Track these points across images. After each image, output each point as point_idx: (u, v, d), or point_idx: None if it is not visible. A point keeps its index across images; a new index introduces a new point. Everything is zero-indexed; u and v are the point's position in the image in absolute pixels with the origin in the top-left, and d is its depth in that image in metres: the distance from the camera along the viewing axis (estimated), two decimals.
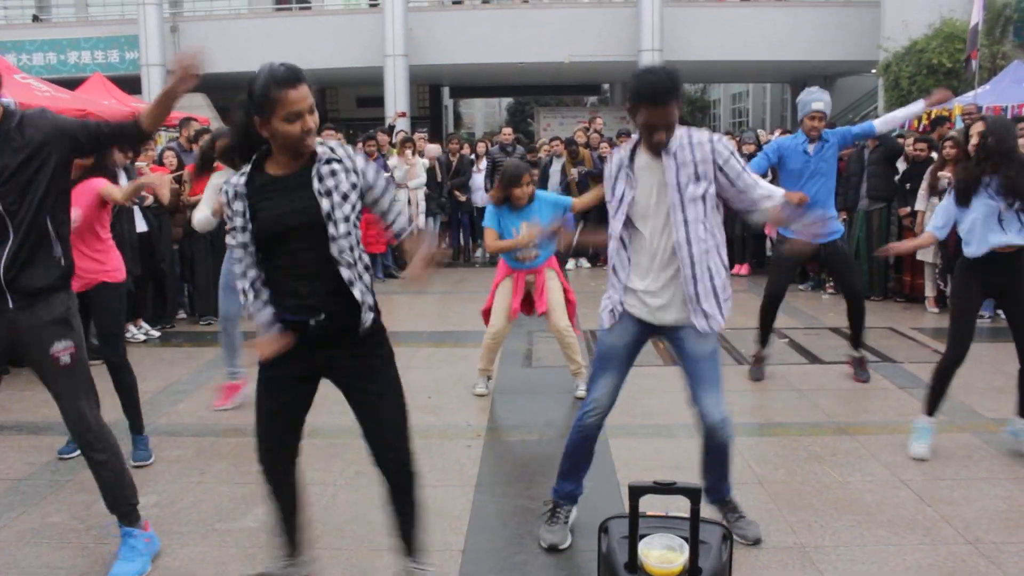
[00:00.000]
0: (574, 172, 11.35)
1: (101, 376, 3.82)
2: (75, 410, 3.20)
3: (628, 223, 3.28)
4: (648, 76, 3.08)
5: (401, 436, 2.91)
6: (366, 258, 2.81)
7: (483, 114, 54.10)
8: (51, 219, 3.13)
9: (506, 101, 46.38)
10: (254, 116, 2.70)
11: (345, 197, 2.68)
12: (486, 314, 5.59)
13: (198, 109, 19.21)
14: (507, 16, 22.81)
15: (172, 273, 7.99)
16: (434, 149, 12.30)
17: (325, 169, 2.68)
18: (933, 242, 4.39)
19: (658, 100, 3.05)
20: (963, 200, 4.26)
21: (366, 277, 2.79)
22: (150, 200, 7.47)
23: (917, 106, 6.01)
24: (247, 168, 2.77)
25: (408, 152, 11.26)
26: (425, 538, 3.05)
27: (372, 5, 24.69)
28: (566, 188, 11.43)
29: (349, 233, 2.70)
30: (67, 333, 3.19)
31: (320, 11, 24.83)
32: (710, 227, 3.23)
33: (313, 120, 2.67)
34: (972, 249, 4.28)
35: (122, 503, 3.32)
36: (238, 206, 2.71)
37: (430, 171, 11.71)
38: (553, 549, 3.39)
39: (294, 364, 2.81)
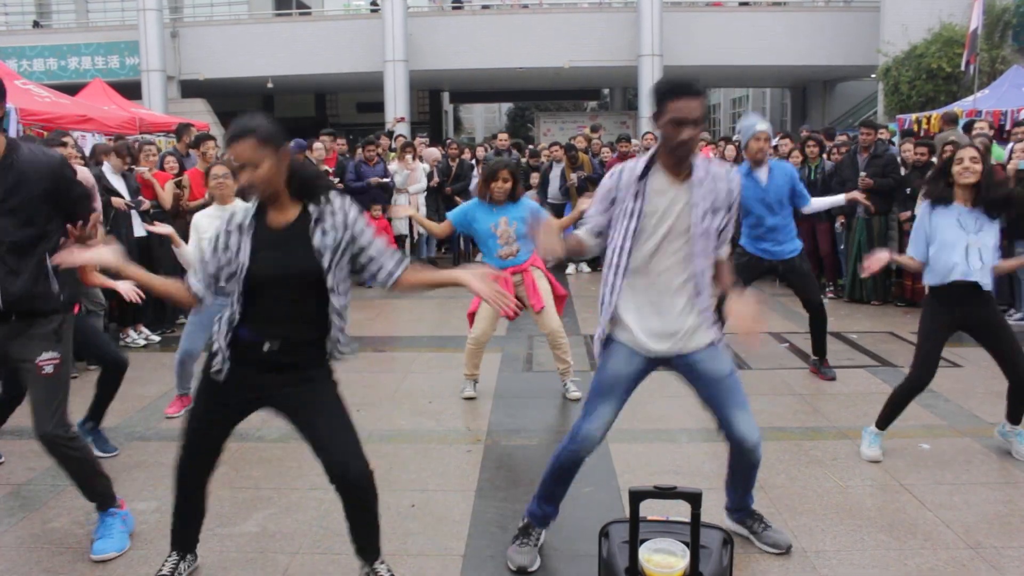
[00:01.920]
0: (573, 177, 11.36)
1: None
2: (46, 422, 3.26)
3: (630, 244, 3.11)
4: (673, 76, 3.04)
5: (348, 446, 2.92)
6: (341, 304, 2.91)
7: (483, 119, 54.13)
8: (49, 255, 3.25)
9: (506, 106, 46.43)
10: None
11: (334, 252, 2.82)
12: (471, 317, 5.60)
13: (198, 115, 19.27)
14: (507, 21, 22.87)
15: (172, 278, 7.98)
16: (433, 153, 12.32)
17: (319, 227, 2.81)
18: (919, 268, 4.38)
19: (687, 90, 2.91)
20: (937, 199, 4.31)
21: (339, 330, 2.90)
22: (147, 205, 7.48)
23: (839, 198, 6.34)
24: (252, 208, 2.86)
25: (408, 157, 11.27)
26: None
27: (372, 10, 24.75)
28: (565, 193, 11.44)
29: (337, 286, 2.84)
30: (55, 346, 3.31)
31: (320, 16, 24.91)
32: (711, 260, 3.15)
33: (246, 176, 2.74)
34: (932, 278, 4.29)
35: (98, 490, 3.48)
36: (242, 240, 2.81)
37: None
38: (522, 572, 3.28)
39: (238, 388, 2.91)
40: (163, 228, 4.99)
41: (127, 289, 4.07)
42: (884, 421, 4.49)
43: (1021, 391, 4.35)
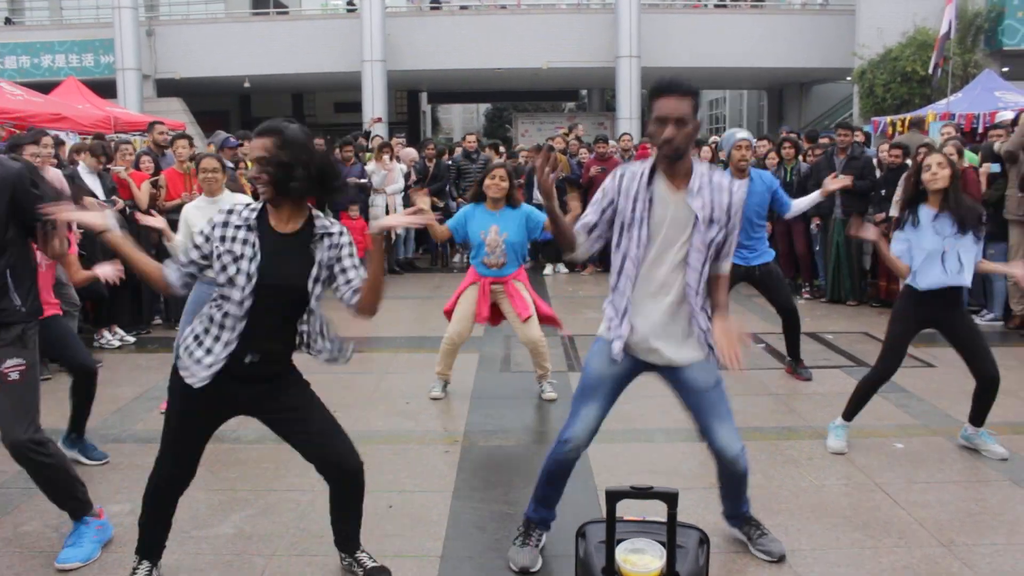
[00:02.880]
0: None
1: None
2: (14, 429, 3.20)
3: (643, 252, 3.08)
4: (665, 76, 3.08)
5: (340, 440, 3.06)
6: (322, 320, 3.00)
7: (461, 119, 54.06)
8: (10, 272, 3.20)
9: (484, 107, 46.39)
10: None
11: (330, 269, 2.92)
12: (449, 314, 5.60)
13: (174, 114, 19.11)
14: (485, 22, 22.86)
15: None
16: (410, 153, 12.29)
17: (326, 241, 2.89)
18: (906, 273, 4.43)
19: (669, 88, 2.97)
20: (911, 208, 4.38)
21: (320, 332, 2.99)
22: (121, 204, 7.40)
23: (815, 196, 6.33)
24: (257, 206, 2.89)
25: (386, 157, 11.24)
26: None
27: (350, 10, 24.67)
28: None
29: (318, 299, 2.93)
30: (20, 352, 3.25)
31: (297, 16, 24.80)
32: (706, 272, 3.13)
33: (261, 170, 2.80)
34: (918, 281, 4.37)
35: (71, 499, 3.41)
36: (249, 237, 2.83)
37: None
38: (524, 573, 3.29)
39: (217, 397, 2.94)
40: (155, 221, 4.96)
41: (109, 272, 4.01)
42: (850, 412, 4.62)
43: (986, 391, 4.44)
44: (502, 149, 13.31)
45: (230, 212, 2.88)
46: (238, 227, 2.84)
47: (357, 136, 11.96)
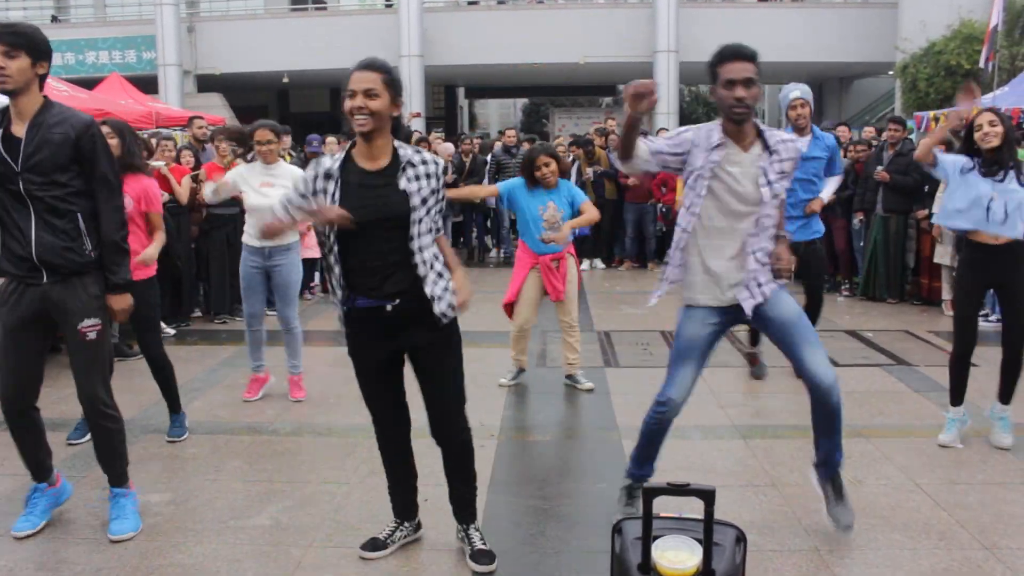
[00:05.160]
0: (589, 172, 11.34)
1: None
2: (90, 385, 3.46)
3: (701, 207, 3.31)
4: (725, 44, 3.25)
5: (456, 412, 3.25)
6: (440, 256, 3.15)
7: (498, 115, 54.07)
8: (82, 216, 3.38)
9: (521, 102, 46.33)
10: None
11: (424, 201, 3.01)
12: (507, 308, 5.64)
13: (214, 109, 19.34)
14: (522, 17, 22.81)
15: (188, 271, 8.02)
16: (448, 148, 12.31)
17: (410, 172, 3.01)
18: (932, 159, 4.42)
19: (735, 53, 3.17)
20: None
21: (437, 268, 3.09)
22: (165, 198, 7.51)
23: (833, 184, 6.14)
24: (341, 155, 3.06)
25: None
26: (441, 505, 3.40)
27: (387, 5, 24.74)
28: (582, 187, 11.42)
29: (428, 231, 3.06)
30: (96, 312, 3.44)
31: (335, 11, 24.90)
32: (775, 220, 3.37)
33: (364, 101, 2.92)
34: (953, 220, 4.40)
35: (118, 466, 3.61)
36: (329, 187, 2.99)
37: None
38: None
39: (378, 349, 3.16)
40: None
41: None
42: (953, 397, 4.61)
43: (1012, 366, 4.47)
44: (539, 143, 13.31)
45: (318, 164, 3.06)
46: (325, 177, 3.02)
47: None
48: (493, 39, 22.15)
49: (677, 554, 2.62)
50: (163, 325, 7.52)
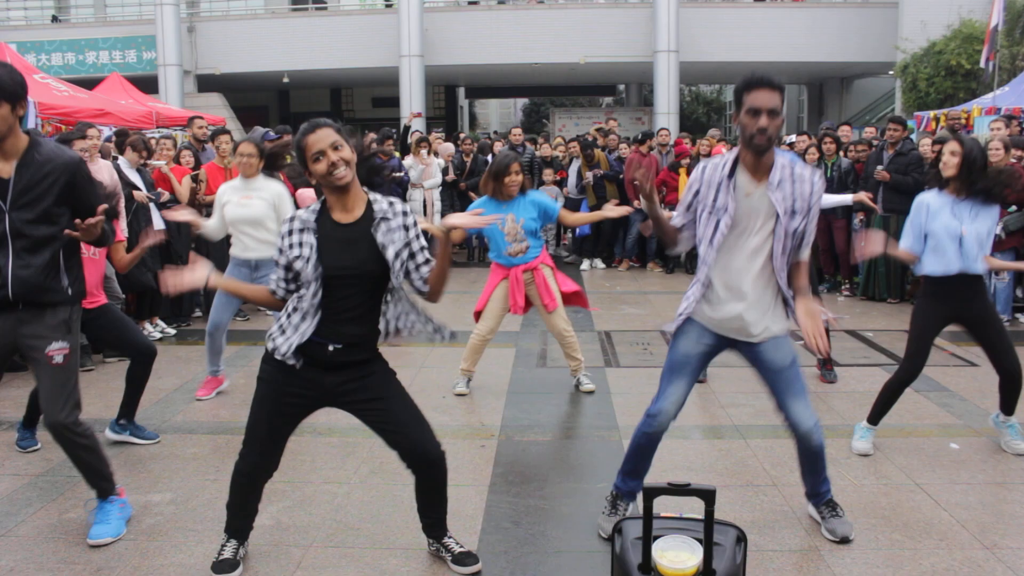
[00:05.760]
0: (589, 176, 11.34)
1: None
2: (55, 411, 3.38)
3: (719, 239, 3.24)
4: (753, 70, 3.20)
5: (421, 429, 3.17)
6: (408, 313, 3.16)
7: (498, 114, 54.09)
8: (63, 254, 3.38)
9: (521, 102, 46.35)
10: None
11: (397, 255, 2.99)
12: (477, 316, 5.61)
13: (214, 109, 19.35)
14: (522, 17, 22.82)
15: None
16: (448, 148, 12.32)
17: (383, 226, 2.98)
18: (914, 260, 4.41)
19: (762, 82, 3.12)
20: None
21: (396, 325, 3.12)
22: (167, 197, 7.52)
23: (847, 197, 6.29)
24: (317, 206, 3.02)
25: (423, 152, 11.28)
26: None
27: (388, 5, 24.76)
28: (582, 190, 11.43)
29: (399, 284, 3.06)
30: (65, 336, 3.41)
31: (336, 11, 24.91)
32: (788, 260, 3.30)
33: (337, 155, 2.91)
34: (927, 268, 4.34)
35: (99, 479, 3.58)
36: (307, 238, 2.96)
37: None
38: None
39: (303, 384, 3.07)
40: (182, 215, 5.34)
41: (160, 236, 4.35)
42: (876, 415, 4.56)
43: (1010, 383, 4.44)
44: (539, 140, 13.32)
45: (292, 219, 3.02)
46: (300, 231, 2.98)
47: (384, 136, 11.98)
48: (493, 39, 22.17)
49: (678, 554, 2.62)
50: (164, 325, 7.55)
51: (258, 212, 5.35)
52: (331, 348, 3.00)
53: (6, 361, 3.53)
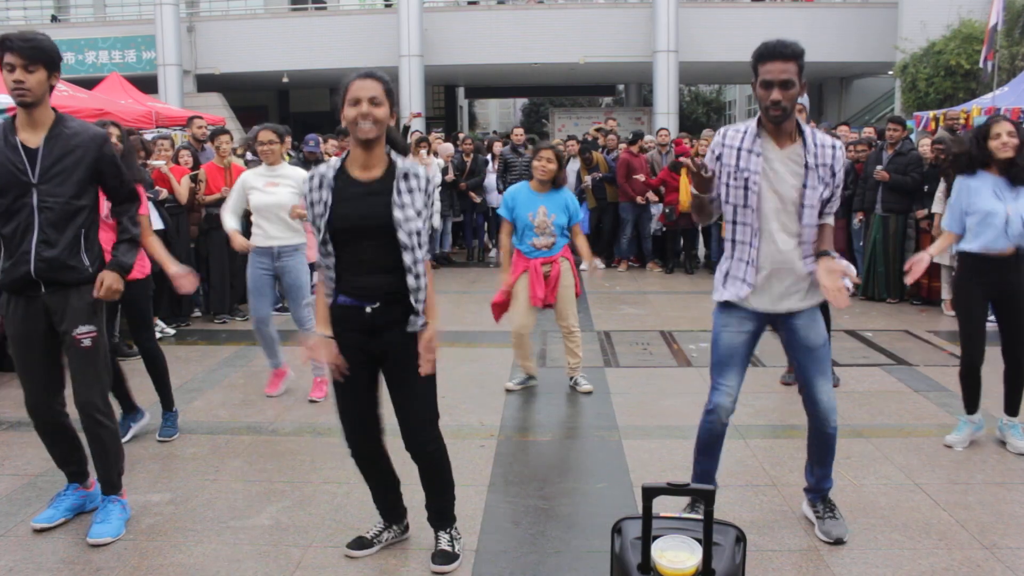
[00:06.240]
0: (587, 179, 11.35)
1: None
2: (84, 392, 3.46)
3: (748, 203, 3.26)
4: (768, 40, 3.19)
5: (425, 423, 3.21)
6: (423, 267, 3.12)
7: (498, 114, 54.09)
8: (84, 233, 3.43)
9: (521, 102, 46.35)
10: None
11: (418, 213, 3.04)
12: (495, 308, 5.62)
13: (214, 108, 19.34)
14: (522, 17, 22.80)
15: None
16: (448, 148, 12.32)
17: (403, 185, 3.03)
18: (953, 240, 4.43)
19: (775, 53, 3.11)
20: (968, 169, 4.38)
21: (423, 280, 3.09)
22: (165, 194, 7.52)
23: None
24: (337, 163, 3.09)
25: (423, 152, 11.28)
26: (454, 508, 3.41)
27: (387, 5, 24.73)
28: (580, 193, 11.41)
29: (417, 245, 3.04)
30: (91, 319, 3.46)
31: (335, 11, 24.89)
32: (816, 226, 3.33)
33: (370, 109, 2.96)
34: (970, 246, 4.36)
35: (112, 473, 3.61)
36: (324, 195, 3.02)
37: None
38: None
39: (354, 351, 3.13)
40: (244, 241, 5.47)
41: (185, 283, 4.31)
42: (968, 405, 4.57)
43: (1015, 371, 4.45)
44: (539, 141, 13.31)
45: (311, 177, 3.08)
46: (319, 187, 3.04)
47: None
48: (493, 39, 22.15)
49: (677, 554, 2.62)
50: (163, 325, 7.54)
51: (284, 199, 5.35)
52: (368, 309, 3.05)
53: (54, 346, 3.50)
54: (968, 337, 4.46)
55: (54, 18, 25.25)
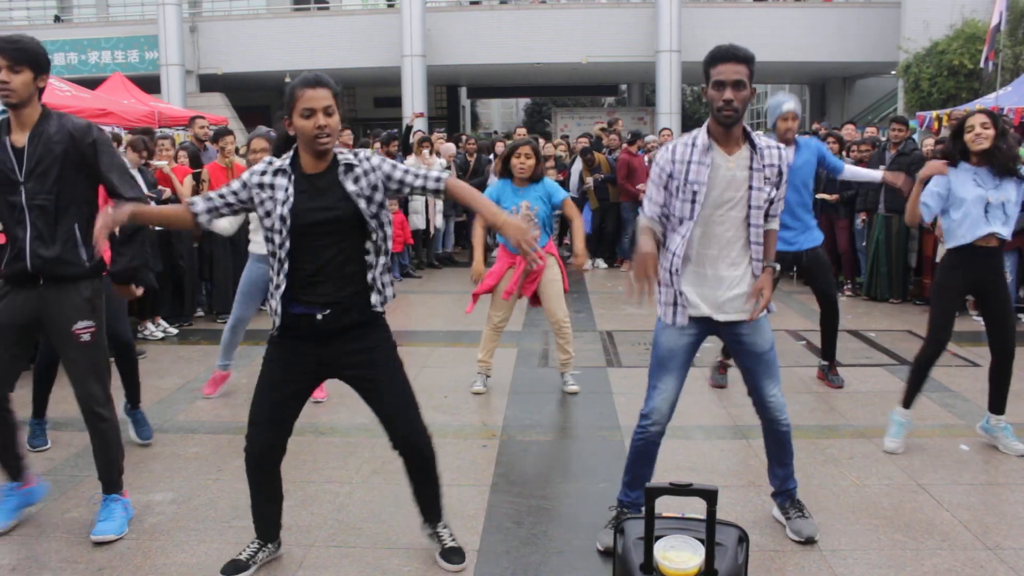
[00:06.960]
0: (589, 181, 11.35)
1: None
2: (86, 386, 3.46)
3: (696, 213, 3.24)
4: (719, 44, 3.19)
5: (410, 416, 3.15)
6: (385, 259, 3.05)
7: (500, 114, 54.12)
8: (78, 227, 3.42)
9: (523, 101, 46.38)
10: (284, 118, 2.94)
11: (369, 199, 2.94)
12: (475, 297, 5.60)
13: (216, 109, 19.36)
14: (524, 17, 22.82)
15: (191, 271, 8.03)
16: (450, 148, 12.32)
17: (350, 174, 2.95)
18: (919, 218, 4.53)
19: (726, 55, 3.11)
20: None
21: (385, 276, 3.05)
22: (167, 195, 7.52)
23: (877, 173, 6.20)
24: (289, 155, 2.99)
25: (425, 152, 11.27)
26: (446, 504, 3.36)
27: (390, 5, 24.76)
28: (583, 195, 11.41)
29: (377, 231, 2.97)
30: (90, 314, 3.45)
31: (338, 11, 24.93)
32: (762, 232, 3.32)
33: (326, 120, 2.87)
34: (954, 241, 4.39)
35: (113, 471, 3.60)
36: (280, 181, 2.92)
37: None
38: (610, 552, 3.23)
39: (300, 359, 3.04)
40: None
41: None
42: (908, 398, 4.54)
43: (1002, 367, 4.46)
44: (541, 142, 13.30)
45: (269, 163, 2.99)
46: (275, 173, 2.95)
47: (395, 131, 11.99)
48: (495, 39, 22.17)
49: (679, 554, 2.62)
50: (166, 324, 7.55)
51: None
52: (319, 316, 2.95)
53: (30, 339, 3.56)
54: (938, 329, 4.45)
55: (57, 18, 25.31)
